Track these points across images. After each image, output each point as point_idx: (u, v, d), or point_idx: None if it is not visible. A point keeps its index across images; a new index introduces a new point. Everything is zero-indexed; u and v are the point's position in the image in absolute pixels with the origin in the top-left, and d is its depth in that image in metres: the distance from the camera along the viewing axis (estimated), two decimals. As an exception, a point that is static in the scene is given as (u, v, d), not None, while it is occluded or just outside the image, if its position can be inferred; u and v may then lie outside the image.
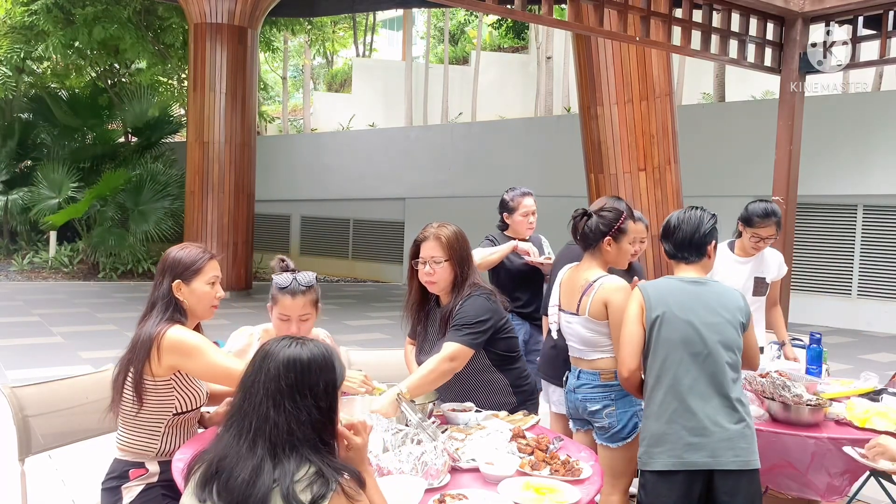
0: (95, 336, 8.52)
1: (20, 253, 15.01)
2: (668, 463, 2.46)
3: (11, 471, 2.69)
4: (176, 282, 2.46)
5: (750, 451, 2.47)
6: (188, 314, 2.48)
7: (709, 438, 2.42)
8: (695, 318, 2.51)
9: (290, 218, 18.53)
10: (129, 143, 16.95)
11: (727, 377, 2.48)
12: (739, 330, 2.55)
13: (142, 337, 2.39)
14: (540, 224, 4.47)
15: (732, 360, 2.51)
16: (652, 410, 2.54)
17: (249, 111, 12.54)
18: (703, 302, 2.54)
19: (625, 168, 9.26)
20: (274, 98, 26.15)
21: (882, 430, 2.87)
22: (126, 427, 2.46)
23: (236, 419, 1.68)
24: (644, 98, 9.09)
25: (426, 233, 2.90)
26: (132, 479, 2.41)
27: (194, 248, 2.54)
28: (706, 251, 2.64)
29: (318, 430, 1.66)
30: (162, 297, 2.47)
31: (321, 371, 1.69)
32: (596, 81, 9.23)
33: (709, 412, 2.44)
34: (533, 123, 15.87)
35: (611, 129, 9.26)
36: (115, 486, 2.43)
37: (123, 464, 2.46)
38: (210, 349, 2.39)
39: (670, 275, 2.72)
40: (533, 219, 4.31)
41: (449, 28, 22.42)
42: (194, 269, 2.48)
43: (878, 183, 10.95)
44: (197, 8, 11.85)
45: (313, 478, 1.59)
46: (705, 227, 2.63)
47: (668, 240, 2.69)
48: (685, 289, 2.58)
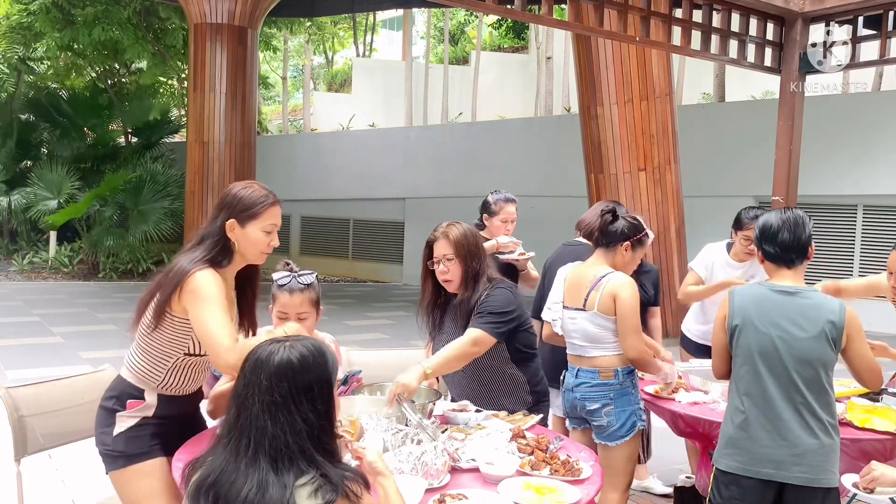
0: (95, 336, 8.52)
1: (20, 253, 15.02)
2: (733, 466, 2.46)
3: (8, 471, 2.68)
4: (231, 220, 2.33)
5: (821, 469, 2.39)
6: (236, 256, 2.37)
7: (776, 451, 2.40)
8: (774, 330, 2.44)
9: (290, 218, 18.53)
10: (129, 143, 16.95)
11: (804, 393, 2.40)
12: (831, 345, 2.41)
13: (176, 268, 2.30)
14: (540, 224, 4.48)
15: (811, 377, 2.41)
16: (729, 413, 2.54)
17: (249, 111, 12.53)
18: (787, 314, 2.44)
19: (625, 168, 9.26)
20: (274, 98, 26.16)
21: (882, 430, 2.87)
22: (138, 349, 2.39)
23: (234, 434, 1.65)
24: (644, 98, 9.09)
25: (436, 233, 2.97)
26: (128, 410, 2.37)
27: (259, 189, 2.39)
28: (808, 252, 2.54)
29: (317, 435, 1.65)
30: (213, 235, 2.35)
31: (313, 371, 1.67)
32: (596, 81, 9.23)
33: (779, 425, 2.40)
34: (533, 123, 15.86)
35: (611, 129, 9.26)
36: (111, 409, 2.39)
37: (125, 385, 2.40)
38: (215, 309, 2.22)
39: (765, 281, 2.62)
40: (511, 226, 4.29)
41: (449, 28, 22.42)
42: (253, 213, 2.34)
43: (879, 183, 10.95)
44: (197, 8, 11.84)
45: (318, 484, 1.58)
46: (809, 227, 2.55)
47: (772, 242, 2.54)
48: (772, 299, 2.49)
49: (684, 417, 3.16)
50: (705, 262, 4.11)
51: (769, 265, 2.58)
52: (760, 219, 2.62)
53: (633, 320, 2.92)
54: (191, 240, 2.42)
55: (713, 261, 4.10)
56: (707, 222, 10.53)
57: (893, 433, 2.85)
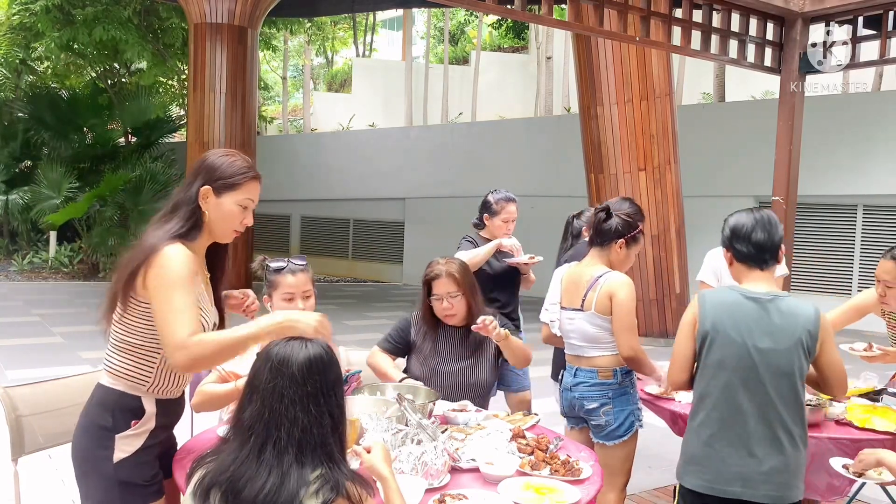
0: (95, 336, 8.45)
1: (20, 253, 15.02)
2: (698, 484, 2.36)
3: (5, 471, 2.68)
4: (206, 187, 2.10)
5: (788, 486, 2.30)
6: (205, 228, 2.13)
7: (745, 468, 2.29)
8: (750, 340, 2.29)
9: (290, 218, 18.53)
10: (129, 143, 16.95)
11: (777, 407, 2.29)
12: (806, 354, 2.31)
13: (145, 243, 2.05)
14: (539, 224, 4.47)
15: (787, 390, 2.30)
16: (692, 427, 2.41)
17: (249, 111, 12.53)
18: (764, 324, 2.30)
19: (625, 168, 9.26)
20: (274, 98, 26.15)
21: (882, 430, 2.87)
22: (116, 347, 2.08)
23: (258, 429, 1.63)
24: (644, 98, 9.09)
25: (436, 270, 3.05)
26: (132, 428, 2.04)
27: (240, 160, 2.17)
28: (780, 254, 2.44)
29: (340, 430, 1.67)
30: (188, 202, 2.11)
31: (335, 367, 1.71)
32: (596, 81, 9.23)
33: (749, 442, 2.29)
34: (533, 123, 15.87)
35: (611, 129, 9.26)
36: (107, 428, 2.04)
37: (117, 396, 2.06)
38: (177, 293, 1.94)
39: (734, 285, 2.45)
40: (512, 226, 4.27)
41: (449, 28, 22.42)
42: (231, 183, 2.12)
43: (879, 183, 10.95)
44: (197, 8, 11.84)
45: (322, 482, 1.58)
46: (780, 227, 2.44)
47: (745, 242, 2.40)
48: (746, 307, 2.33)
49: (684, 417, 3.14)
50: (712, 269, 4.09)
51: (740, 266, 2.43)
52: (731, 218, 2.48)
53: (628, 319, 2.92)
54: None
55: (719, 266, 4.08)
56: (707, 222, 10.51)
57: (893, 433, 2.85)
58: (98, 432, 2.05)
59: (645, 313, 9.03)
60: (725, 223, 2.49)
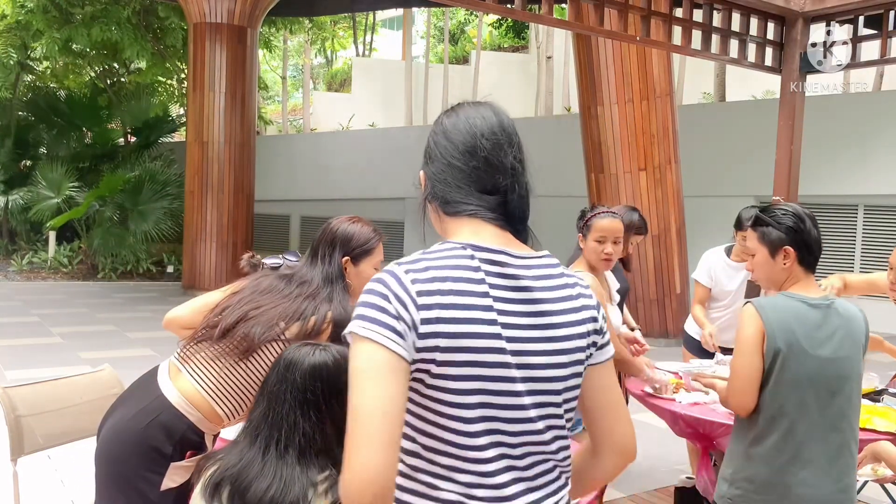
0: (95, 336, 8.51)
1: (19, 253, 14.99)
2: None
3: (5, 471, 2.68)
4: (345, 258, 2.17)
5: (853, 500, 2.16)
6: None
7: (824, 489, 2.11)
8: (822, 351, 2.11)
9: (290, 218, 18.52)
10: (128, 142, 16.94)
11: (849, 417, 2.15)
12: (863, 357, 2.21)
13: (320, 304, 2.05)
14: (540, 224, 4.45)
15: (856, 395, 2.18)
16: (760, 452, 2.15)
17: (249, 111, 12.53)
18: (829, 331, 2.13)
19: (625, 168, 9.25)
20: (273, 98, 26.15)
21: (882, 430, 2.86)
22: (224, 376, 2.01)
23: (262, 430, 1.66)
24: (644, 98, 9.08)
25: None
26: (187, 460, 1.96)
27: (365, 226, 2.24)
28: None
29: (343, 441, 1.66)
30: (339, 275, 2.14)
31: (343, 376, 1.70)
32: (596, 81, 9.22)
33: (825, 462, 2.11)
34: (533, 123, 15.86)
35: (611, 129, 9.25)
36: (166, 454, 1.94)
37: (186, 425, 1.97)
38: None
39: (785, 291, 2.21)
40: None
41: (449, 28, 22.41)
42: (367, 249, 2.19)
43: (879, 183, 10.94)
44: (196, 7, 11.84)
45: (331, 482, 1.58)
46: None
47: (816, 246, 2.19)
48: (812, 316, 2.13)
49: (684, 418, 3.14)
50: (706, 269, 4.13)
51: (799, 269, 2.19)
52: (788, 214, 2.19)
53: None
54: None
55: (712, 266, 4.11)
56: (707, 222, 10.53)
57: (893, 433, 2.84)
58: (152, 454, 1.96)
59: (645, 313, 9.02)
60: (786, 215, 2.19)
